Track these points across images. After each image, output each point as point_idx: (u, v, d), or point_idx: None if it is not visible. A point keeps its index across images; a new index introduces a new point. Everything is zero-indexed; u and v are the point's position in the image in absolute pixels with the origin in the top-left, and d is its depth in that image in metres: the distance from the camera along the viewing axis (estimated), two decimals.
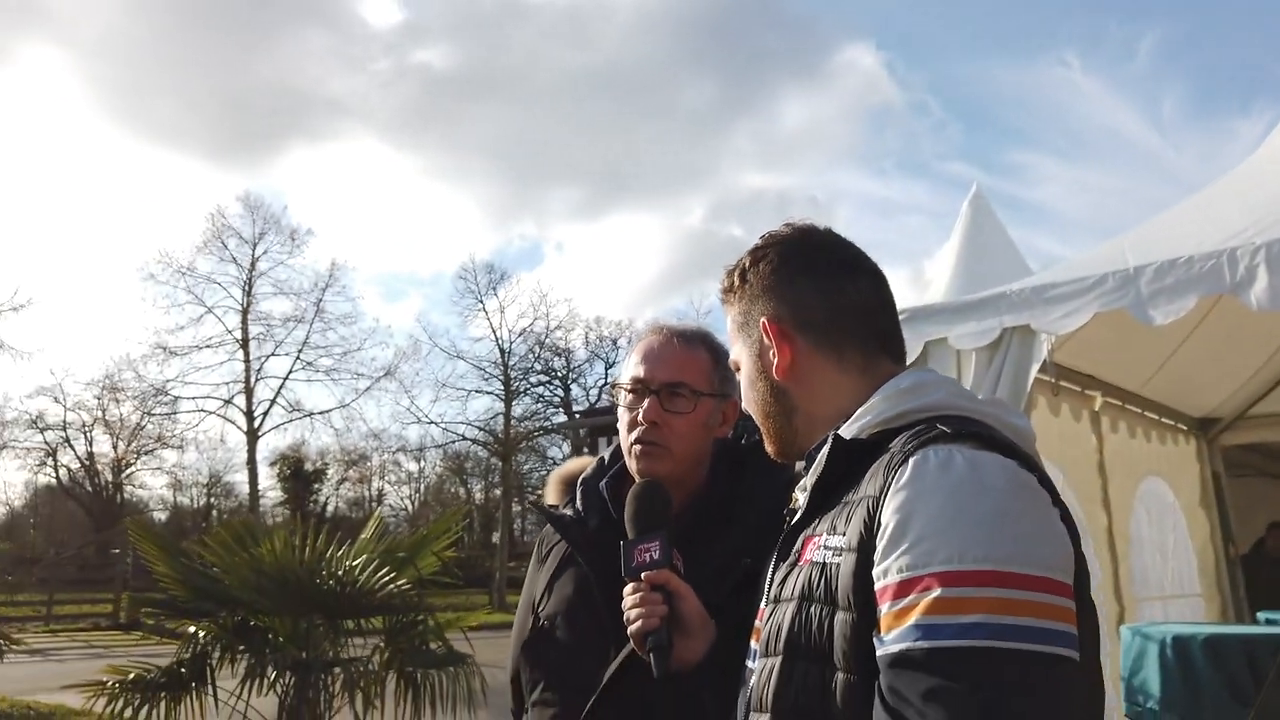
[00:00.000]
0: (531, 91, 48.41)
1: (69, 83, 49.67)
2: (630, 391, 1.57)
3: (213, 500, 41.06)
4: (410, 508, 40.93)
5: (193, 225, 64.81)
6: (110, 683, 4.47)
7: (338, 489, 41.90)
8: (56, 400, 31.58)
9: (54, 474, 35.29)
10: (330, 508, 39.72)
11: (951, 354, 3.58)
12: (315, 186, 53.55)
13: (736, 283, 1.24)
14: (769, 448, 1.23)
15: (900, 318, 3.77)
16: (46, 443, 33.48)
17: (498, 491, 33.98)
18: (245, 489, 32.56)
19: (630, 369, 1.59)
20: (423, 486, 43.82)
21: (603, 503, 1.61)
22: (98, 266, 56.54)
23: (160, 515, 39.96)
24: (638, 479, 1.52)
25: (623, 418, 1.58)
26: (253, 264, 29.14)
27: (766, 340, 1.18)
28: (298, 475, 37.26)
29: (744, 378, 1.24)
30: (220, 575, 4.82)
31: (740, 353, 1.24)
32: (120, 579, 18.64)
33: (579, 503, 1.65)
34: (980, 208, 6.87)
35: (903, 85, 60.79)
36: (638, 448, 1.53)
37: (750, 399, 1.23)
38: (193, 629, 4.67)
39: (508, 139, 49.46)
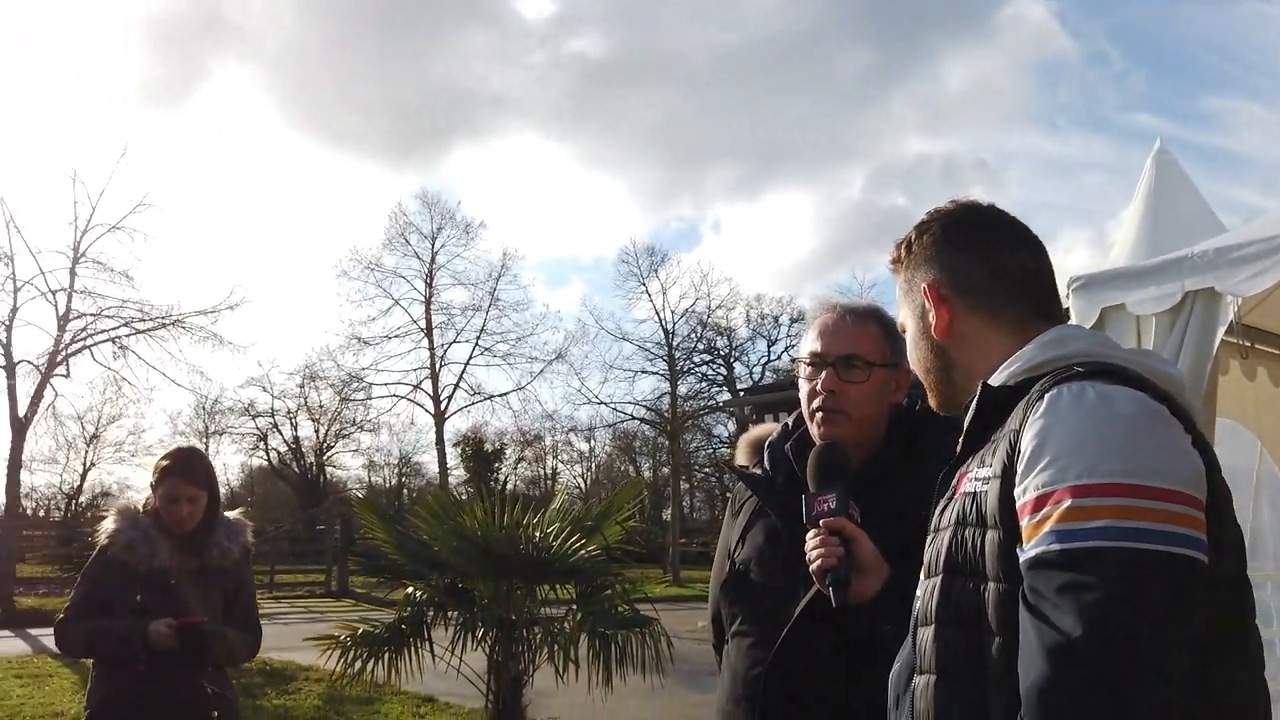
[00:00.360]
0: (683, 73, 48.53)
1: (258, 96, 54.00)
2: (809, 364, 1.77)
3: (403, 479, 43.92)
4: (583, 486, 42.25)
5: (374, 223, 69.14)
6: (343, 637, 5.06)
7: (515, 468, 43.89)
8: (264, 389, 34.75)
9: (265, 457, 38.80)
10: (509, 486, 41.61)
11: (1130, 320, 3.51)
12: (482, 180, 55.80)
13: (903, 254, 1.39)
14: (932, 401, 1.38)
15: (1075, 285, 3.70)
16: (258, 428, 36.96)
17: (666, 470, 34.66)
18: (432, 468, 34.78)
19: (808, 344, 1.79)
20: (594, 465, 45.12)
21: (788, 462, 1.81)
22: (296, 265, 61.31)
23: (357, 494, 43.14)
24: (818, 442, 1.72)
25: (803, 388, 1.78)
26: (432, 257, 30.93)
27: (927, 304, 1.32)
28: (478, 455, 39.30)
29: (909, 338, 1.39)
30: (430, 542, 5.34)
31: (905, 316, 1.39)
32: (331, 551, 20.42)
33: (766, 463, 1.87)
34: (1165, 163, 6.48)
35: (1076, 35, 56.67)
36: (819, 414, 1.73)
37: (914, 357, 1.39)
38: (410, 589, 5.20)
39: (662, 122, 49.77)
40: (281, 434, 37.84)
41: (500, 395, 31.39)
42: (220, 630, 2.94)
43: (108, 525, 3.07)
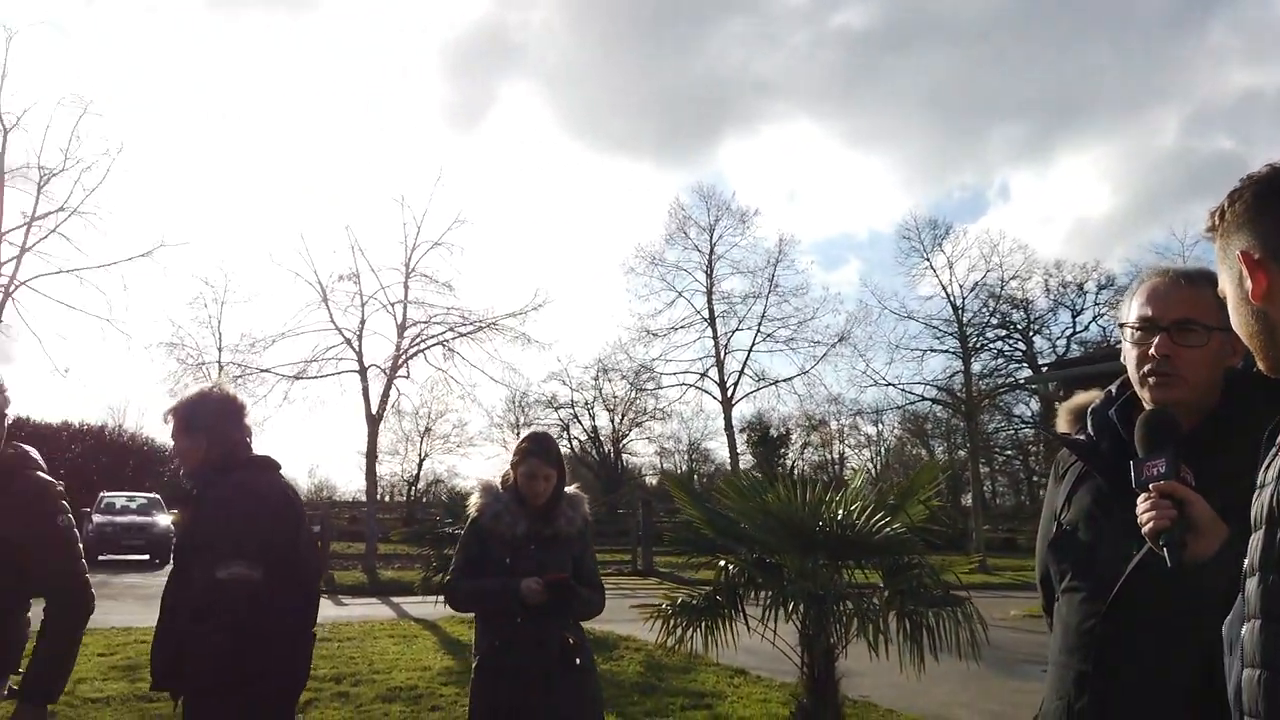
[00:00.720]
0: (958, 32, 46.06)
1: (541, 111, 58.16)
2: (1138, 329, 1.78)
3: (693, 465, 45.49)
4: (872, 470, 41.43)
5: (655, 219, 71.95)
6: (664, 605, 5.48)
7: (801, 453, 43.94)
8: (563, 383, 37.62)
9: (568, 445, 41.81)
10: (796, 471, 41.72)
11: None
12: (752, 167, 56.32)
13: (1217, 221, 1.40)
14: (1261, 365, 1.38)
15: None
16: (560, 419, 39.99)
17: (963, 453, 33.11)
18: (720, 454, 35.78)
19: (1136, 309, 1.79)
20: (883, 449, 44.08)
21: (1113, 428, 1.83)
22: (586, 265, 65.34)
23: (651, 480, 45.37)
24: (1149, 407, 1.73)
25: (1131, 354, 1.79)
26: (711, 248, 31.77)
27: (1243, 270, 1.33)
28: (765, 440, 39.83)
29: (1230, 304, 1.41)
30: (737, 518, 5.63)
31: (1224, 282, 1.41)
32: (634, 532, 21.72)
33: (1090, 428, 1.90)
34: None
35: None
36: (1151, 379, 1.73)
37: (1236, 323, 1.39)
38: (722, 562, 5.52)
39: (935, 88, 47.60)
40: (581, 424, 40.69)
41: (784, 380, 31.57)
42: (578, 587, 3.38)
43: (475, 500, 3.61)
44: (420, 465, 43.34)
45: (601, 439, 41.51)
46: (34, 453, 3.03)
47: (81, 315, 17.89)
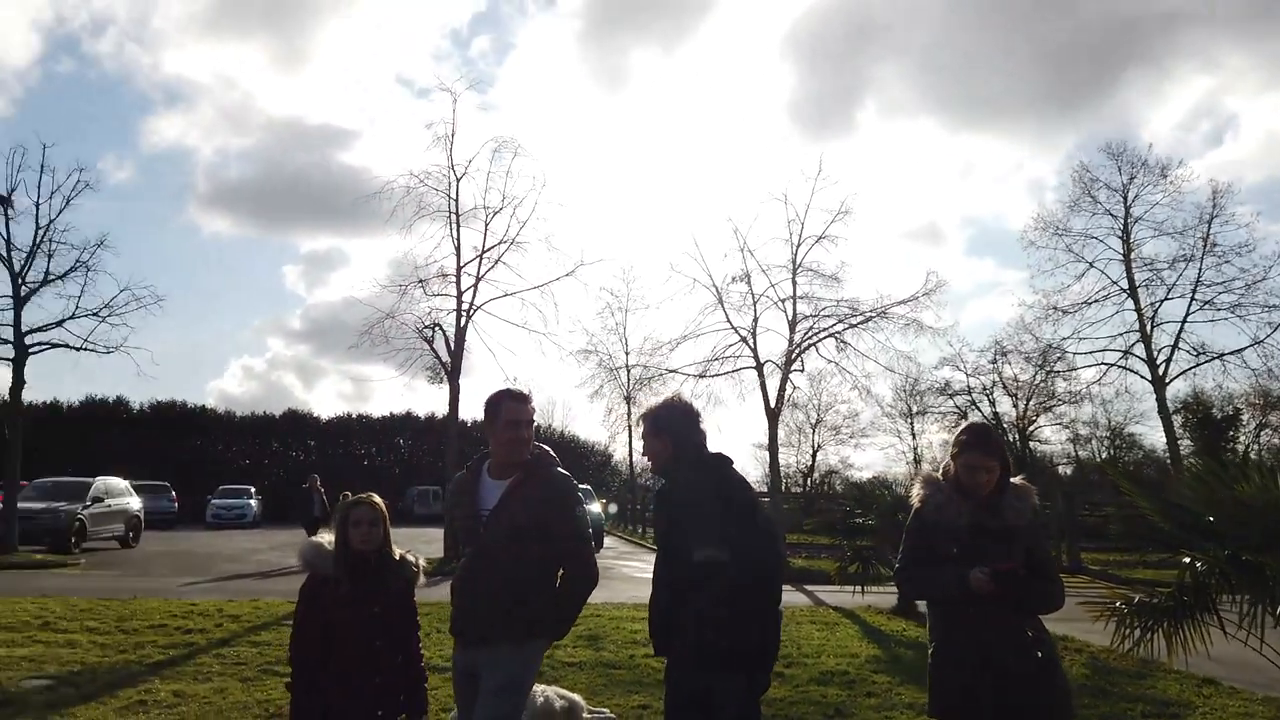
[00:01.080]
0: None
1: (906, 89, 55.86)
2: None
3: (1116, 452, 40.96)
4: None
5: (1028, 192, 66.08)
6: (1118, 605, 5.08)
7: (1257, 436, 37.60)
8: (957, 369, 35.92)
9: None
10: (1251, 457, 35.81)
11: None
12: (1161, 113, 49.36)
13: None
14: None
15: None
16: (956, 406, 38.19)
17: None
18: (1149, 439, 31.82)
19: None
20: None
21: None
22: (967, 245, 61.84)
23: (1065, 469, 41.63)
24: None
25: None
26: (1126, 211, 28.36)
27: None
28: (1206, 423, 34.77)
29: None
30: (1201, 511, 5.04)
31: None
32: (1053, 526, 20.14)
33: None
34: None
35: None
36: None
37: None
38: (1187, 560, 4.98)
39: None
40: (979, 410, 38.45)
41: (1232, 353, 27.18)
42: (1030, 579, 3.30)
43: (917, 490, 3.66)
44: (814, 456, 44.04)
45: (1004, 426, 38.91)
46: (551, 452, 3.65)
47: (523, 331, 20.51)
